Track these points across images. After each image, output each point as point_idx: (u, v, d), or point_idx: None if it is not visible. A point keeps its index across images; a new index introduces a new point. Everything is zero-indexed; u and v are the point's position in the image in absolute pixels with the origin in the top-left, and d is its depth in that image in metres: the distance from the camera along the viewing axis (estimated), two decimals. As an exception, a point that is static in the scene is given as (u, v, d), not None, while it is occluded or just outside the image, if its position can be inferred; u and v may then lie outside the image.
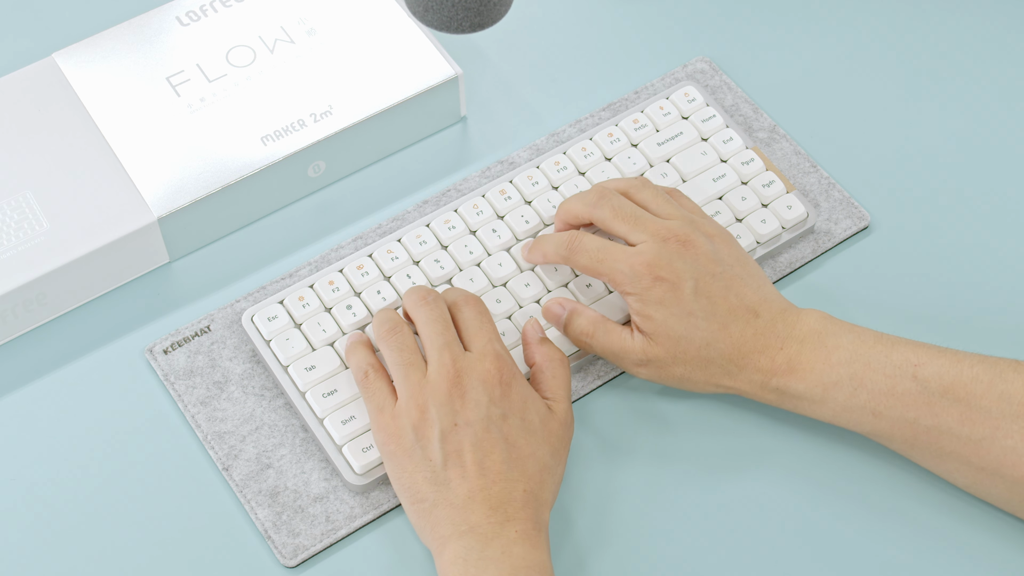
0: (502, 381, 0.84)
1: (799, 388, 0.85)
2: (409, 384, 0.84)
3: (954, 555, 0.86)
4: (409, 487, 0.82)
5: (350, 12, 1.03)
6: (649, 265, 0.86)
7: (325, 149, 0.98)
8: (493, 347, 0.85)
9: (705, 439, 0.90)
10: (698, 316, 0.86)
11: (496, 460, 0.81)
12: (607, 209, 0.89)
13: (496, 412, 0.83)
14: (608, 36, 1.08)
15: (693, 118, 1.01)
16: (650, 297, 0.86)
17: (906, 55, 1.06)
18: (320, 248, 0.98)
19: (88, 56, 1.00)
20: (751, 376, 0.86)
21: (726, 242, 0.89)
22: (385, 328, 0.87)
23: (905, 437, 0.84)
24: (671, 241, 0.87)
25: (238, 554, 0.86)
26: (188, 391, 0.91)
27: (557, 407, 0.85)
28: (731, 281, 0.87)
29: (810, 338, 0.86)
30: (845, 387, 0.84)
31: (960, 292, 0.95)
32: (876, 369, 0.84)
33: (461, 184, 1.00)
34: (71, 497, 0.88)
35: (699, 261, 0.87)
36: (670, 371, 0.87)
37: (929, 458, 0.85)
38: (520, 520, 0.80)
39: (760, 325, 0.86)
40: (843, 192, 0.99)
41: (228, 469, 0.89)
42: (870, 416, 0.85)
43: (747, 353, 0.86)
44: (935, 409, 0.83)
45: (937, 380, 0.83)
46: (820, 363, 0.85)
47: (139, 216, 0.94)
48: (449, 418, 0.82)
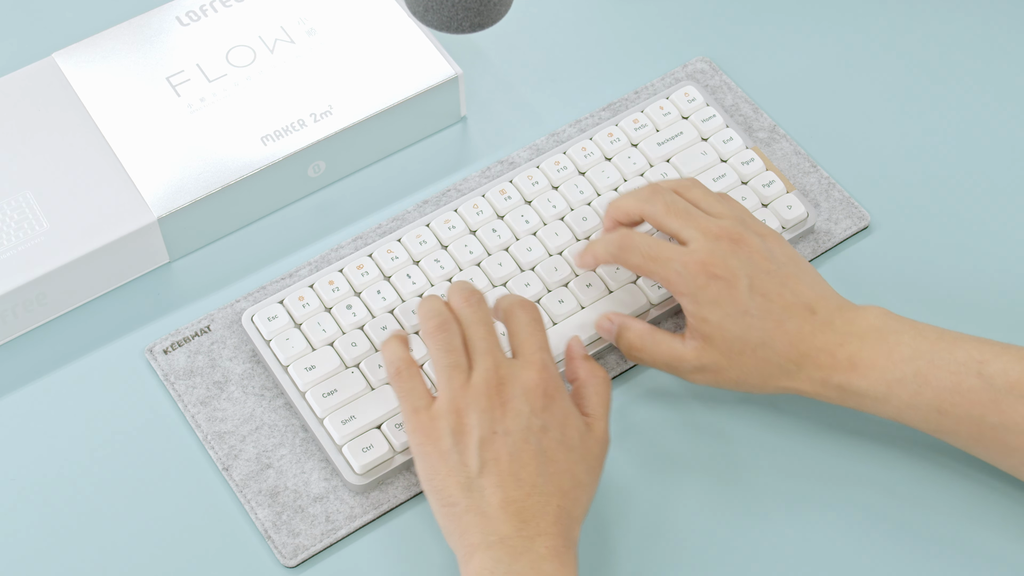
0: (546, 393, 0.82)
1: (861, 385, 0.84)
2: (452, 387, 0.82)
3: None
4: (440, 489, 0.81)
5: (350, 12, 1.03)
6: (703, 263, 0.85)
7: (325, 149, 0.98)
8: (540, 357, 0.83)
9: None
10: (753, 315, 0.85)
11: (532, 472, 0.80)
12: (660, 204, 0.88)
13: (536, 423, 0.81)
14: (608, 36, 1.08)
15: (693, 118, 1.01)
16: (704, 297, 0.85)
17: (906, 55, 1.06)
18: (320, 248, 0.98)
19: (88, 56, 1.00)
20: (811, 374, 0.85)
21: (777, 241, 0.88)
22: (433, 323, 0.84)
23: (971, 434, 0.83)
24: (723, 239, 0.86)
25: (238, 554, 0.86)
26: (188, 391, 0.91)
27: (596, 425, 0.84)
28: (786, 278, 0.86)
29: (871, 334, 0.85)
30: (909, 384, 0.83)
31: (960, 292, 0.95)
32: (940, 366, 0.83)
33: (461, 184, 1.00)
34: (71, 497, 0.88)
35: (752, 258, 0.86)
36: (726, 375, 0.86)
37: (995, 455, 0.84)
38: (551, 535, 0.79)
39: (818, 322, 0.85)
40: (843, 192, 0.99)
41: (228, 469, 0.89)
42: (935, 414, 0.83)
43: (805, 351, 0.85)
44: (1001, 406, 0.82)
45: (1003, 376, 0.82)
46: (882, 360, 0.84)
47: (139, 216, 0.94)
48: (488, 426, 0.81)
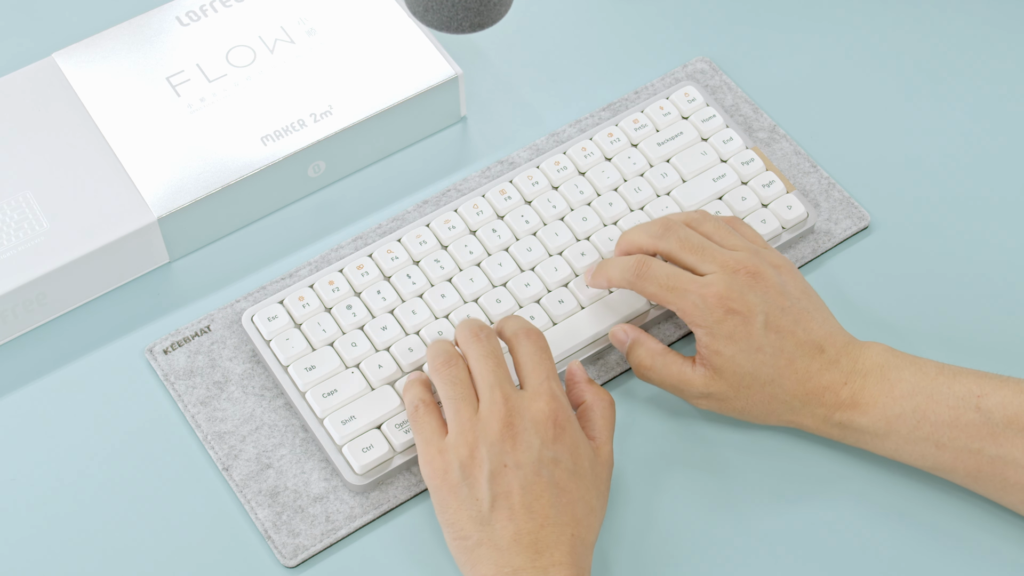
0: (556, 423, 0.82)
1: (862, 422, 0.85)
2: (460, 420, 0.83)
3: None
4: (453, 523, 0.81)
5: (350, 12, 1.03)
6: (721, 297, 0.85)
7: (325, 149, 0.98)
8: (549, 386, 0.84)
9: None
10: (766, 352, 0.85)
11: (545, 504, 0.80)
12: (674, 241, 0.88)
13: (548, 455, 0.81)
14: (608, 36, 1.08)
15: (693, 118, 1.01)
16: (720, 331, 0.85)
17: (906, 55, 1.06)
18: (320, 248, 0.98)
19: (88, 56, 1.00)
20: (814, 411, 0.86)
21: (791, 273, 0.88)
22: (439, 361, 0.85)
23: (968, 469, 0.84)
24: (741, 273, 0.86)
25: (238, 554, 0.86)
26: (188, 391, 0.91)
27: (602, 449, 0.84)
28: (799, 315, 0.86)
29: (873, 372, 0.85)
30: (908, 420, 0.84)
31: (960, 292, 0.95)
32: (939, 401, 0.83)
33: (461, 184, 1.00)
34: (71, 497, 0.88)
35: (769, 294, 0.86)
36: (732, 404, 0.87)
37: (994, 490, 0.84)
38: (565, 565, 0.79)
39: (825, 360, 0.86)
40: (843, 192, 0.99)
41: (228, 469, 0.89)
42: (933, 448, 0.84)
43: (811, 390, 0.85)
44: (999, 440, 0.82)
45: (1000, 410, 0.82)
46: (883, 397, 0.84)
47: (139, 216, 0.94)
48: (499, 459, 0.81)
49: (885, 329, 0.93)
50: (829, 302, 0.95)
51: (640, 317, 0.93)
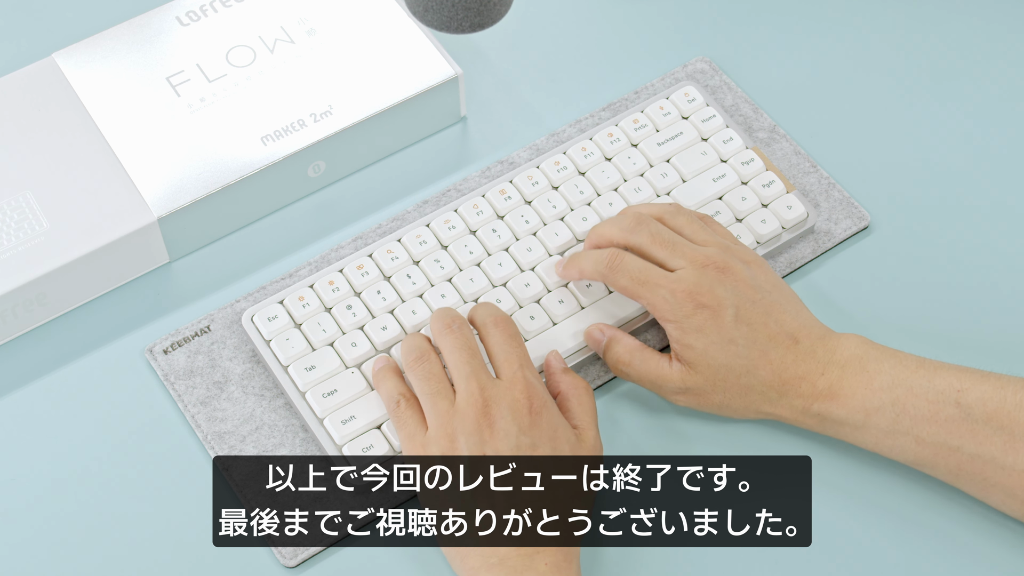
0: (532, 410, 0.82)
1: (840, 414, 0.85)
2: (438, 413, 0.83)
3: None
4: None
5: (350, 12, 1.03)
6: (690, 292, 0.86)
7: (325, 149, 0.98)
8: (523, 374, 0.84)
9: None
10: (739, 344, 0.85)
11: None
12: (645, 235, 0.89)
13: (526, 441, 0.81)
14: (608, 36, 1.08)
15: (693, 118, 1.01)
16: (690, 325, 0.85)
17: (907, 55, 1.06)
18: (320, 248, 0.98)
19: (88, 56, 1.00)
20: (792, 402, 0.86)
21: (762, 268, 0.89)
22: (412, 357, 0.86)
23: (949, 466, 0.84)
24: (710, 268, 0.87)
25: (238, 554, 0.86)
26: (188, 391, 0.91)
27: (586, 434, 0.84)
28: (770, 307, 0.86)
29: (851, 363, 0.85)
30: (887, 413, 0.84)
31: (960, 292, 0.95)
32: (918, 395, 0.83)
33: (461, 184, 1.00)
34: (71, 497, 0.88)
35: (739, 288, 0.86)
36: (709, 399, 0.87)
37: (975, 487, 0.84)
38: (551, 551, 0.79)
39: (800, 351, 0.86)
40: (843, 192, 0.99)
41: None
42: (913, 443, 0.84)
43: (787, 380, 0.86)
44: (978, 437, 0.82)
45: (980, 407, 0.82)
46: (862, 388, 0.84)
47: (139, 216, 0.94)
48: (478, 448, 0.81)
49: (885, 329, 0.93)
50: (829, 302, 0.95)
51: (641, 316, 0.93)
